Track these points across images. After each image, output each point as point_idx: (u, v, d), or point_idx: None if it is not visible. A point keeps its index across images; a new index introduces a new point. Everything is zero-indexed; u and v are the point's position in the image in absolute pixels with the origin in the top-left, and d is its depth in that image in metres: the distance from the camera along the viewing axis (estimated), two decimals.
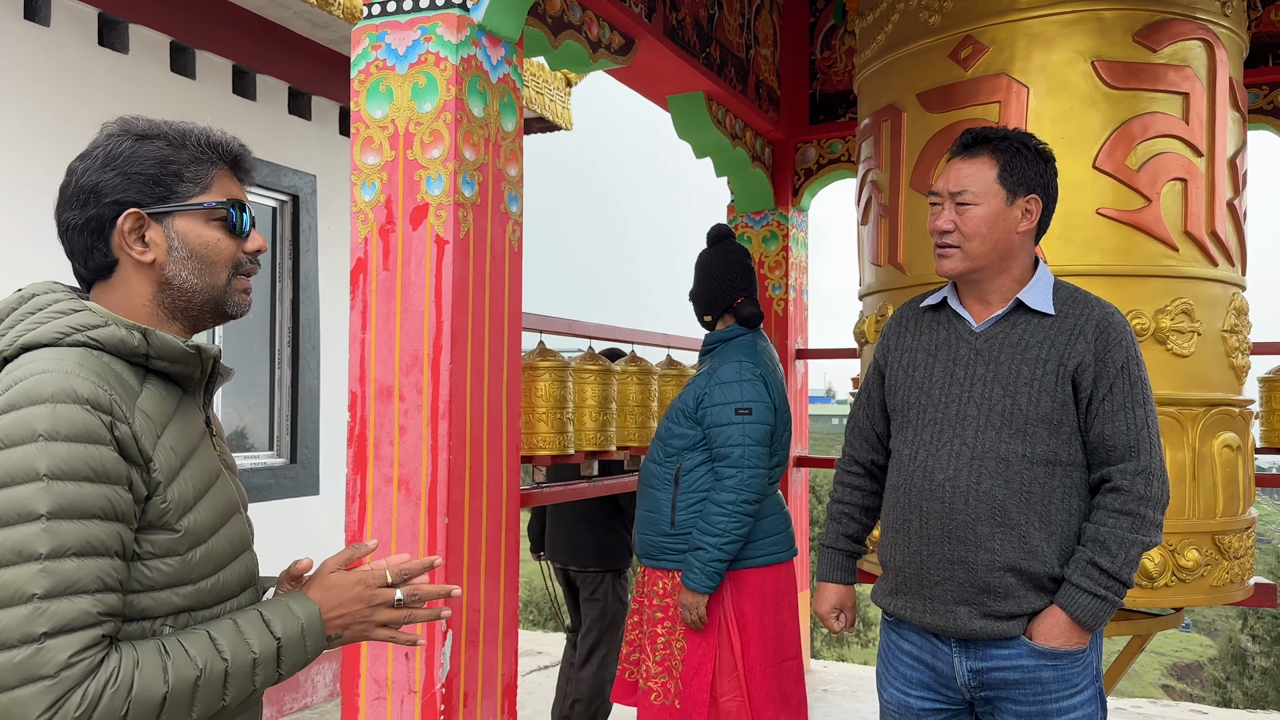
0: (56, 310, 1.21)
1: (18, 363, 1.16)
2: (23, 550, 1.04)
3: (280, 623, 1.23)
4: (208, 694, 1.14)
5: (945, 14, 2.96)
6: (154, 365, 1.23)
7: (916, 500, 2.04)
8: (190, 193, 1.27)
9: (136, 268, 1.26)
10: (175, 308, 1.29)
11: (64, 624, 1.05)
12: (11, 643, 1.03)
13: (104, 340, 1.18)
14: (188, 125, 1.30)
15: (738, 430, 2.96)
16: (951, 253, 2.04)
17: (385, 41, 2.70)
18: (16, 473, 1.06)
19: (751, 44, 4.76)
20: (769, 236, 5.22)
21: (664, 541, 3.11)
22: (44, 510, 1.06)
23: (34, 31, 4.12)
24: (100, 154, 1.25)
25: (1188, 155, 2.78)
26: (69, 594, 1.05)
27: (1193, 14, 2.81)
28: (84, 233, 1.24)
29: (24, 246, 4.20)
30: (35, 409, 1.09)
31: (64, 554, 1.06)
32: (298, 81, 5.26)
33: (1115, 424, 1.95)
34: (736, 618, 3.04)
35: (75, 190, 1.25)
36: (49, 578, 1.05)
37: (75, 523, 1.07)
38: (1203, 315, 2.77)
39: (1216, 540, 2.76)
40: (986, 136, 2.06)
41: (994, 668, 1.99)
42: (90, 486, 1.09)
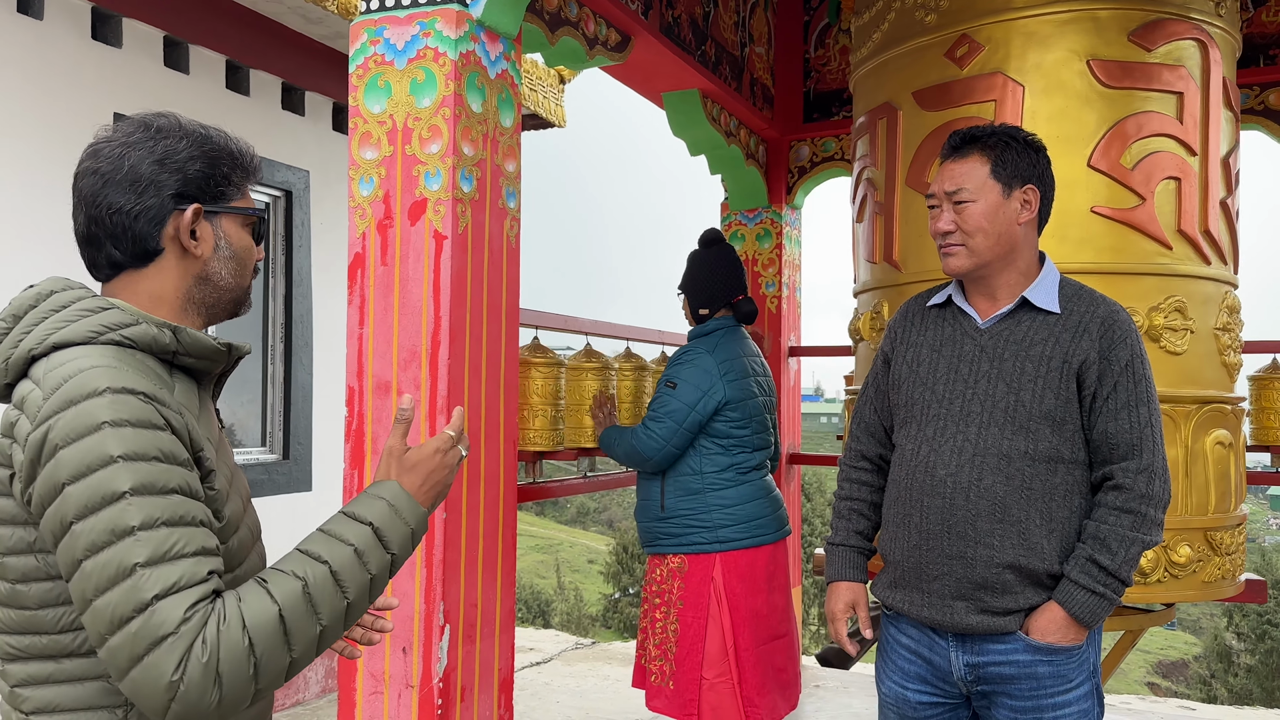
0: (84, 308, 1.22)
1: (52, 361, 1.16)
2: (116, 528, 1.06)
3: (365, 509, 1.23)
4: (324, 596, 1.15)
5: (941, 13, 2.98)
6: (180, 361, 1.26)
7: (918, 495, 2.05)
8: (234, 196, 1.34)
9: (182, 259, 1.29)
10: (205, 302, 1.33)
11: (171, 584, 1.06)
12: (127, 615, 1.05)
13: (137, 339, 1.20)
14: (223, 132, 1.35)
15: (659, 398, 3.25)
16: (956, 250, 2.05)
17: (384, 36, 2.69)
18: (91, 461, 1.08)
19: (746, 42, 4.77)
20: (762, 234, 5.23)
21: (656, 527, 3.28)
22: (126, 488, 1.07)
23: (27, 25, 4.10)
24: (155, 146, 1.27)
25: (1182, 154, 2.81)
26: (169, 559, 1.07)
27: (1187, 14, 2.83)
28: (139, 219, 1.25)
29: (17, 238, 4.18)
30: (93, 401, 1.10)
31: (155, 524, 1.07)
32: (291, 77, 5.25)
33: (1119, 422, 1.97)
34: (728, 598, 3.18)
35: (130, 176, 1.25)
36: (147, 546, 1.06)
37: (159, 497, 1.09)
38: (1196, 313, 2.79)
39: (1209, 536, 2.79)
40: (974, 135, 2.08)
41: (990, 662, 2.00)
42: (163, 466, 1.11)
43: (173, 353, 1.24)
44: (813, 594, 23.11)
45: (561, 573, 32.11)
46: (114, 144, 1.27)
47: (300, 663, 1.14)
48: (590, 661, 5.95)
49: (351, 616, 1.19)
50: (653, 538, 3.32)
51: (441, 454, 1.31)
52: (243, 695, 1.08)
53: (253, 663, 1.08)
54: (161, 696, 1.04)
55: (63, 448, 1.09)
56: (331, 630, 1.17)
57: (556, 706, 4.95)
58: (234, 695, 1.07)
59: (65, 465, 1.08)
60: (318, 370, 5.34)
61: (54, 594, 1.15)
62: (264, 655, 1.09)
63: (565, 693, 5.21)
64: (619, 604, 27.34)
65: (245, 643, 1.07)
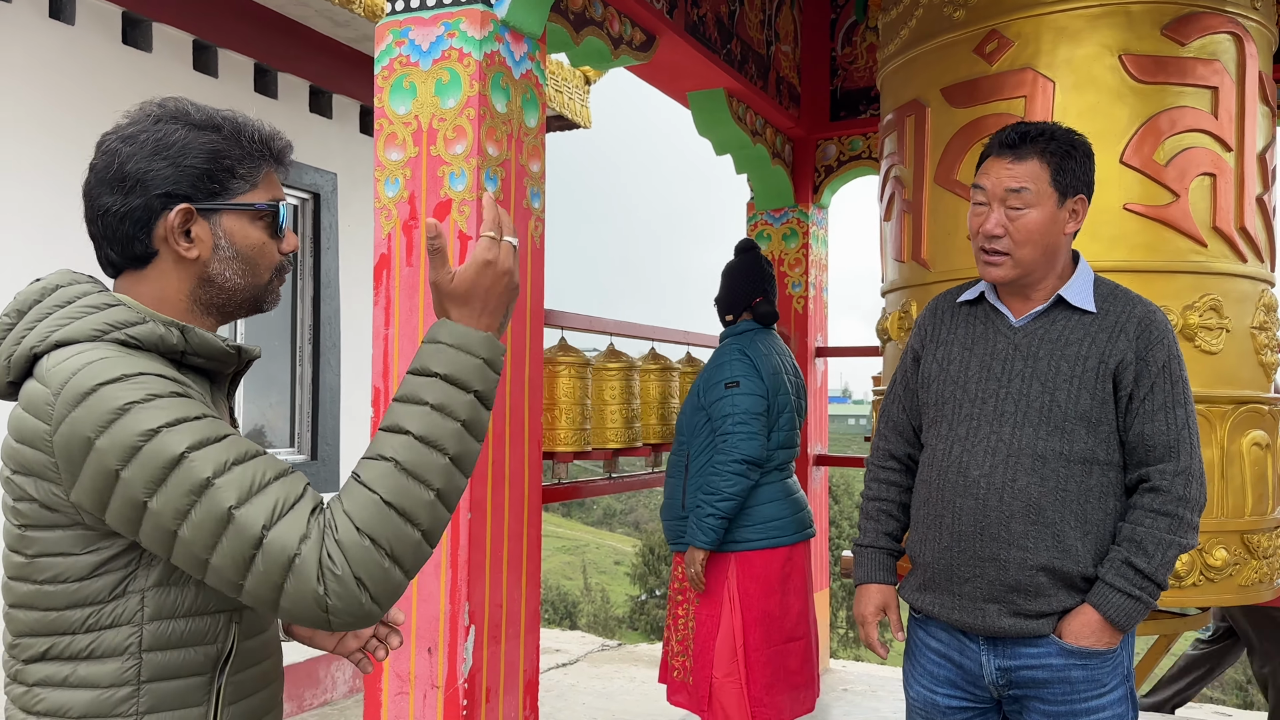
0: (89, 305, 1.16)
1: (56, 357, 1.11)
2: (192, 486, 1.03)
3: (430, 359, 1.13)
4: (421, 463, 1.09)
5: (970, 9, 2.94)
6: (189, 361, 1.20)
7: (950, 496, 2.01)
8: (240, 190, 1.23)
9: (178, 262, 1.21)
10: (213, 304, 1.25)
11: (272, 511, 1.04)
12: (248, 555, 1.03)
13: (142, 338, 1.14)
14: (241, 117, 1.24)
15: (727, 401, 3.23)
16: (1001, 260, 1.98)
17: (409, 38, 2.70)
18: (133, 440, 1.04)
19: (772, 40, 4.75)
20: (789, 234, 5.20)
21: (678, 525, 3.36)
22: (182, 448, 1.04)
23: (59, 30, 4.16)
24: (149, 139, 1.18)
25: (1216, 150, 2.75)
26: (257, 491, 1.05)
27: (1222, 7, 2.78)
28: (124, 221, 1.18)
29: (49, 243, 4.23)
30: (110, 388, 1.06)
31: (227, 467, 1.05)
32: (319, 80, 5.29)
33: (1155, 424, 1.93)
34: (741, 598, 3.23)
35: (118, 175, 1.18)
36: (232, 489, 1.04)
37: (215, 445, 1.06)
38: (1231, 312, 2.74)
39: (1245, 539, 2.73)
40: (1033, 134, 1.98)
41: (1022, 666, 1.97)
42: (206, 420, 1.08)
43: (181, 352, 1.18)
44: (840, 597, 22.95)
45: (588, 574, 32.13)
46: (113, 138, 1.21)
47: (436, 529, 1.10)
48: (616, 663, 5.94)
49: (465, 464, 1.12)
50: (675, 535, 3.38)
51: (489, 265, 1.16)
52: (395, 581, 1.06)
53: (384, 553, 1.05)
54: (320, 614, 1.04)
55: (97, 439, 1.04)
56: (449, 488, 1.11)
57: (582, 708, 4.94)
58: (385, 585, 1.05)
59: (110, 454, 1.04)
60: (345, 371, 5.37)
61: (81, 594, 1.13)
62: (391, 542, 1.06)
63: (591, 694, 5.20)
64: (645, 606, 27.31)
65: (365, 541, 1.04)
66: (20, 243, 4.12)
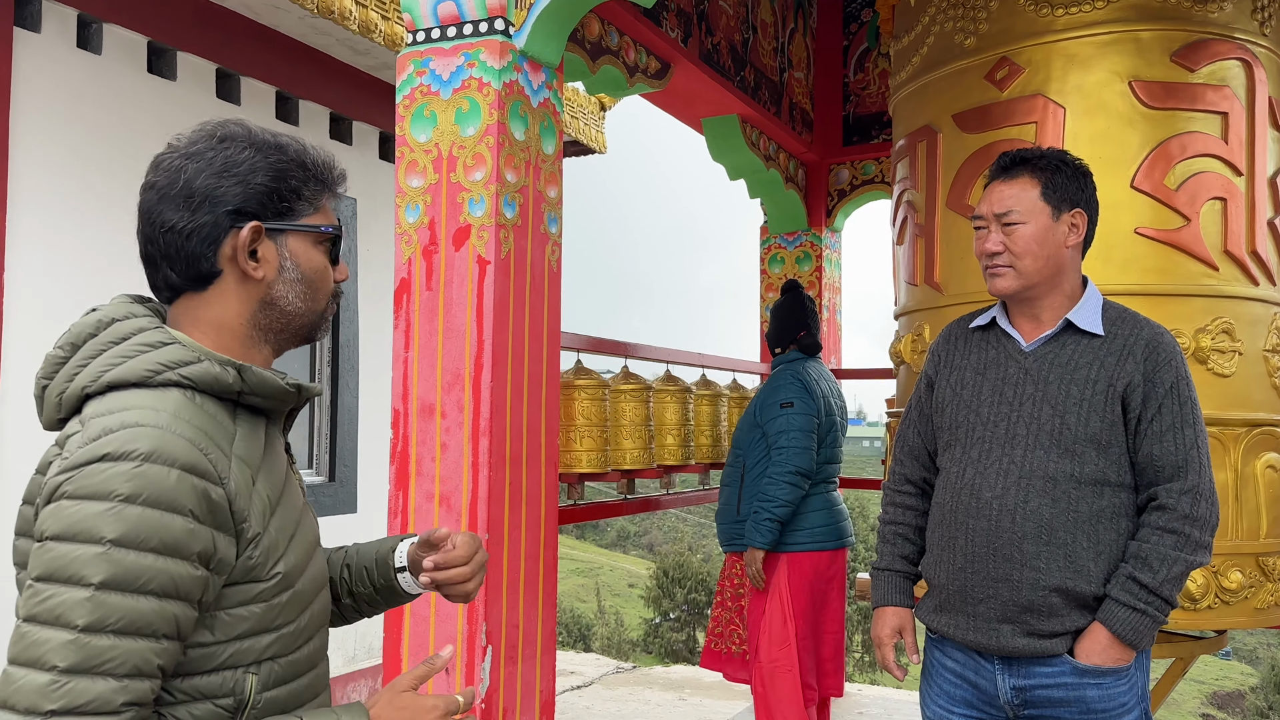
0: (143, 342, 1.11)
1: (105, 404, 1.07)
2: (61, 617, 0.97)
3: None
4: None
5: (981, 36, 2.98)
6: (245, 400, 1.16)
7: (963, 518, 2.04)
8: (305, 212, 1.20)
9: (242, 282, 1.17)
10: (272, 329, 1.21)
11: (76, 705, 0.95)
12: (20, 708, 0.95)
13: (197, 379, 1.10)
14: (302, 142, 1.23)
15: (783, 419, 3.68)
16: (1004, 271, 2.05)
17: (430, 67, 2.76)
18: (81, 531, 0.99)
19: (785, 67, 4.81)
20: (802, 257, 5.24)
21: (735, 528, 3.80)
22: (95, 579, 0.97)
23: (86, 59, 4.25)
24: (215, 157, 1.15)
25: (1227, 174, 2.78)
26: (92, 673, 0.97)
27: (1231, 34, 2.82)
28: (191, 238, 1.14)
29: (75, 267, 4.31)
30: (121, 466, 1.00)
31: (102, 629, 0.97)
32: (339, 107, 5.37)
33: (1164, 444, 1.95)
34: (791, 593, 3.70)
35: (185, 191, 1.14)
36: (77, 652, 0.96)
37: (126, 596, 0.99)
38: (1244, 335, 2.75)
39: (1260, 562, 2.73)
40: (1023, 157, 2.08)
41: (1037, 685, 1.98)
42: (156, 560, 1.00)
43: (237, 393, 1.14)
44: (856, 620, 22.79)
45: (602, 596, 32.03)
46: (176, 155, 1.17)
47: None
48: (631, 686, 5.93)
49: None
50: (731, 537, 3.83)
51: (438, 714, 1.17)
52: None
53: None
54: None
55: (67, 498, 1.00)
56: None
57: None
58: None
59: (59, 518, 1.00)
60: (363, 394, 5.43)
61: None
62: None
63: (606, 717, 5.20)
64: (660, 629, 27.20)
65: None
66: (44, 270, 4.19)
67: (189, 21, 4.54)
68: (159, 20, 4.41)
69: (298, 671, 1.20)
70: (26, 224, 4.06)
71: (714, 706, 5.36)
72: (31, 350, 4.17)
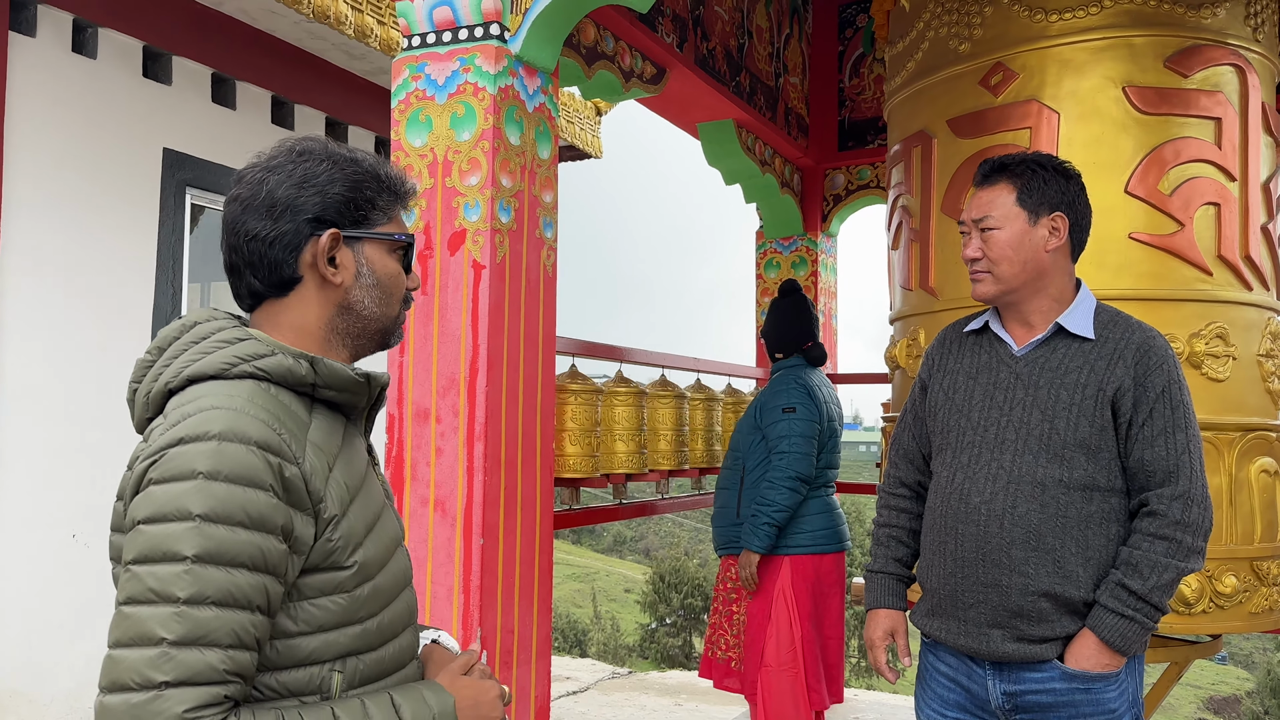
0: (221, 339, 1.17)
1: (185, 396, 1.13)
2: (162, 591, 1.01)
3: (411, 710, 1.16)
4: None
5: (975, 41, 2.99)
6: (320, 394, 1.20)
7: (952, 523, 2.04)
8: (379, 221, 1.27)
9: (321, 287, 1.23)
10: (349, 333, 1.26)
11: (187, 676, 0.99)
12: (131, 685, 0.99)
13: (271, 370, 1.15)
14: (375, 157, 1.29)
15: (785, 424, 3.66)
16: (983, 277, 2.07)
17: (425, 72, 2.76)
18: (169, 510, 1.03)
19: (781, 72, 4.81)
20: (798, 262, 5.24)
21: (733, 531, 3.77)
22: (190, 553, 1.02)
23: (81, 63, 4.24)
24: (295, 170, 1.22)
25: (1220, 180, 2.79)
26: (199, 645, 1.01)
27: (1224, 40, 2.83)
28: (274, 245, 1.20)
29: (70, 269, 4.30)
30: (200, 445, 1.05)
31: (202, 601, 1.01)
32: (334, 112, 5.37)
33: (1155, 449, 1.95)
34: (795, 596, 3.67)
35: (267, 200, 1.20)
36: (182, 624, 1.00)
37: (220, 569, 1.03)
38: (1238, 340, 2.76)
39: (1255, 567, 2.74)
40: (1003, 163, 2.09)
41: (1027, 690, 1.98)
42: (243, 533, 1.04)
43: (311, 385, 1.18)
44: (853, 626, 22.78)
45: (598, 602, 31.99)
46: (257, 169, 1.23)
47: None
48: (627, 691, 5.93)
49: None
50: (727, 541, 3.80)
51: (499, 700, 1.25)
52: None
53: None
54: None
55: (154, 484, 1.05)
56: None
57: None
58: None
59: (147, 503, 1.04)
60: None
61: None
62: None
63: None
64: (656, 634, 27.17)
65: None
66: (39, 273, 4.18)
67: (184, 26, 4.54)
68: (154, 25, 4.41)
69: (383, 670, 1.22)
70: (21, 228, 4.05)
71: (710, 712, 5.35)
72: (26, 353, 4.17)
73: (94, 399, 4.40)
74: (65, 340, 4.28)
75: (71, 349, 4.31)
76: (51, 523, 4.29)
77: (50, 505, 4.29)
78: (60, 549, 4.32)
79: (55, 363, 4.26)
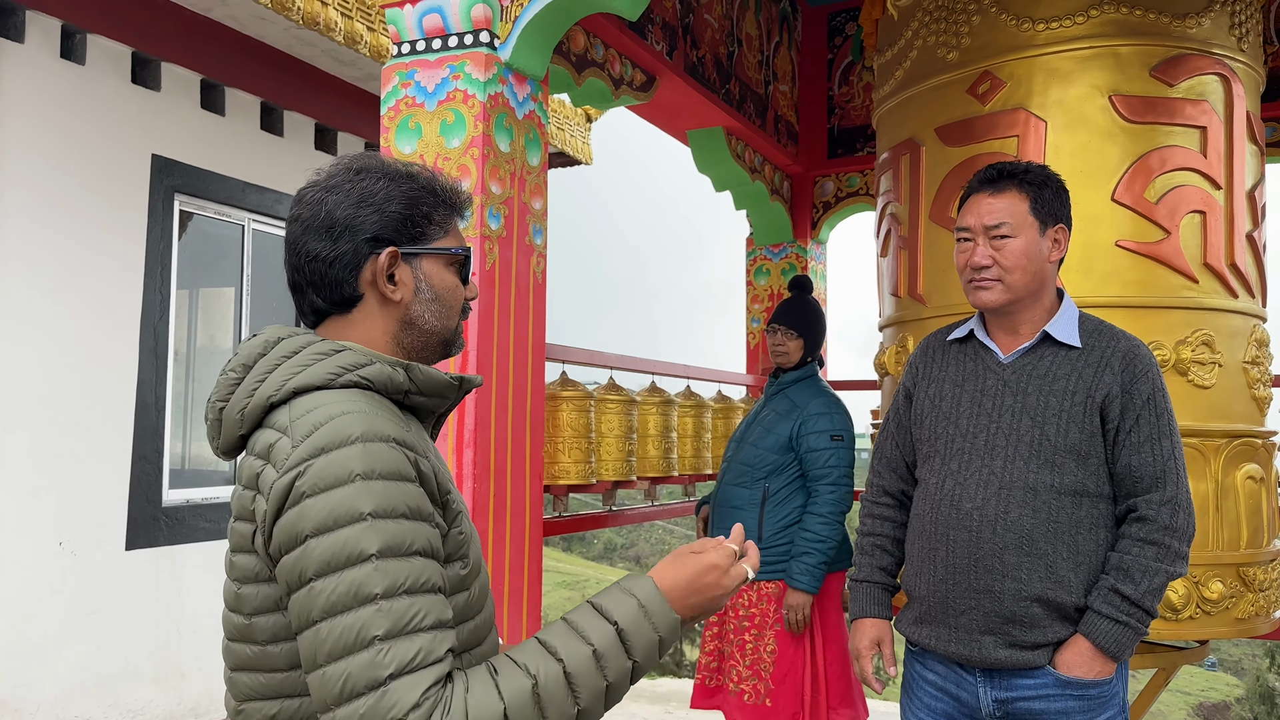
0: (318, 352, 1.18)
1: (298, 408, 1.13)
2: (359, 593, 1.02)
3: (614, 606, 1.13)
4: (553, 699, 1.06)
5: (963, 50, 3.01)
6: (410, 400, 1.22)
7: (943, 529, 2.04)
8: (436, 236, 1.27)
9: (383, 304, 1.24)
10: (413, 347, 1.27)
11: (407, 664, 1.01)
12: (360, 690, 1.00)
13: (374, 379, 1.17)
14: (430, 170, 1.30)
15: (833, 454, 3.36)
16: (991, 285, 2.04)
17: (415, 79, 2.76)
18: (341, 515, 1.04)
19: (770, 80, 4.83)
20: (788, 269, 5.25)
21: None
22: (374, 549, 1.03)
23: (69, 69, 4.23)
24: (353, 189, 1.23)
25: (1206, 188, 2.81)
26: (407, 633, 1.02)
27: (1209, 49, 2.85)
28: (335, 265, 1.22)
29: (60, 277, 4.29)
30: (347, 450, 1.06)
31: (398, 592, 1.03)
32: (324, 118, 5.37)
33: (1142, 455, 1.96)
34: (820, 618, 3.42)
35: (326, 221, 1.22)
36: (387, 618, 1.02)
37: (403, 560, 1.05)
38: (1224, 346, 2.78)
39: (1241, 572, 2.75)
40: (1010, 170, 2.08)
41: (1019, 698, 1.99)
42: (409, 524, 1.07)
43: (405, 392, 1.20)
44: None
45: None
46: (316, 189, 1.24)
47: None
48: None
49: (589, 716, 1.10)
50: None
51: (719, 570, 1.19)
52: None
53: None
54: None
55: (310, 496, 1.05)
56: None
57: None
58: None
59: (311, 515, 1.04)
60: None
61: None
62: None
63: None
64: None
65: None
66: (29, 278, 4.17)
67: (173, 32, 4.54)
68: (143, 30, 4.40)
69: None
70: (10, 234, 4.03)
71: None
72: (14, 359, 4.15)
73: (82, 405, 4.38)
74: (53, 346, 4.27)
75: (59, 355, 4.29)
76: (40, 530, 4.27)
77: (38, 512, 4.26)
78: (48, 557, 4.30)
79: (43, 368, 4.24)
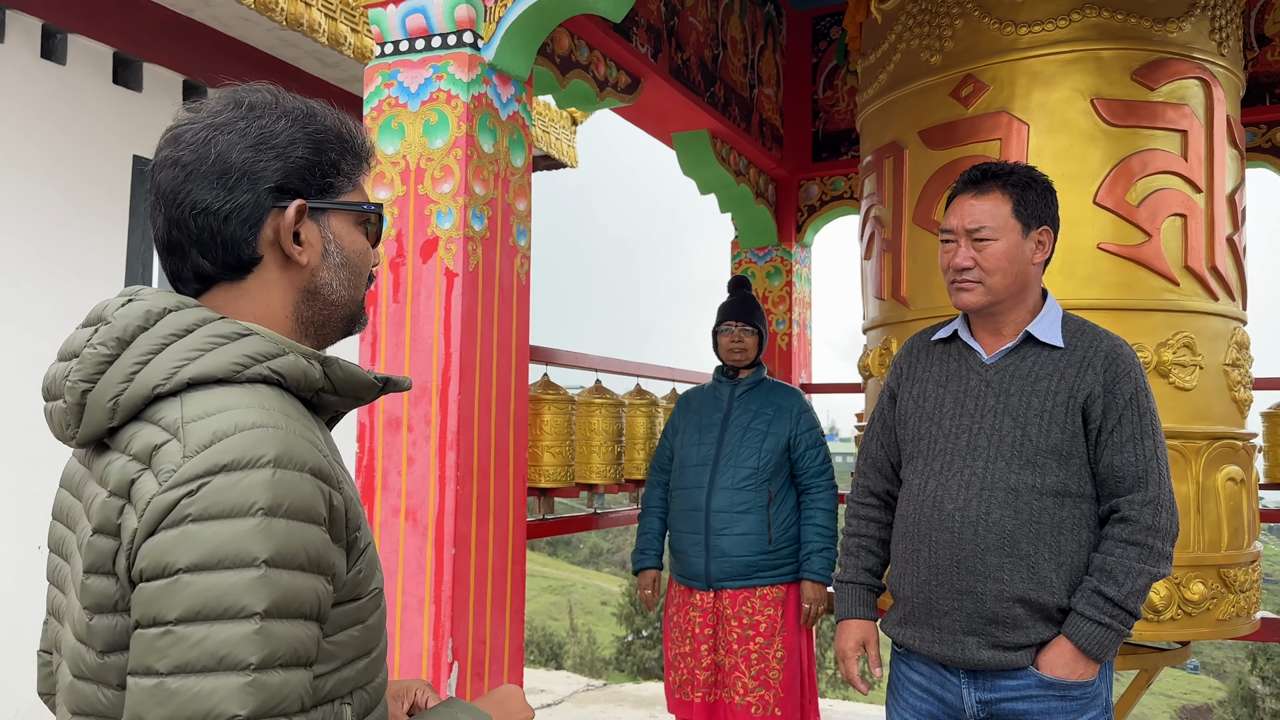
0: (216, 334, 0.96)
1: (197, 404, 0.91)
2: (228, 656, 0.83)
3: None
4: None
5: (946, 54, 3.02)
6: (320, 399, 1.03)
7: (926, 530, 2.04)
8: (345, 189, 1.08)
9: (284, 269, 1.04)
10: (314, 322, 1.07)
11: None
12: None
13: (285, 372, 0.97)
14: (331, 109, 1.10)
15: (824, 451, 3.55)
16: (973, 286, 2.05)
17: (398, 80, 2.75)
18: (229, 554, 0.84)
19: (755, 83, 4.84)
20: (773, 272, 5.26)
21: (762, 560, 3.43)
22: (260, 607, 0.84)
23: (50, 70, 4.20)
24: (248, 128, 1.01)
25: (1187, 191, 2.82)
26: (271, 716, 0.84)
27: (1190, 54, 2.87)
28: (229, 220, 1.00)
29: (41, 278, 4.25)
30: (254, 474, 0.87)
31: (274, 664, 0.85)
32: None
33: (1124, 455, 1.97)
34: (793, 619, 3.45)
35: (218, 166, 0.99)
36: (254, 696, 0.83)
37: (287, 624, 0.86)
38: (1204, 349, 2.79)
39: (1222, 574, 2.76)
40: (994, 172, 2.08)
41: (1002, 699, 1.99)
42: (304, 579, 0.88)
43: (317, 390, 1.01)
44: (830, 636, 22.81)
45: (574, 614, 31.86)
46: (197, 126, 1.01)
47: None
48: (602, 703, 5.90)
49: None
50: (752, 570, 3.41)
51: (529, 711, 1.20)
52: None
53: None
54: None
55: (196, 521, 0.85)
56: None
57: None
58: None
59: (192, 545, 0.84)
60: None
61: None
62: None
63: None
64: (632, 646, 27.07)
65: None
66: (5, 279, 4.13)
67: (155, 32, 4.51)
68: (124, 31, 4.38)
69: (377, 698, 1.08)
70: None
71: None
72: None
73: None
74: (31, 348, 4.23)
75: (38, 357, 4.25)
76: (17, 534, 4.22)
77: (15, 516, 4.22)
78: (24, 561, 4.25)
79: (21, 371, 4.20)
